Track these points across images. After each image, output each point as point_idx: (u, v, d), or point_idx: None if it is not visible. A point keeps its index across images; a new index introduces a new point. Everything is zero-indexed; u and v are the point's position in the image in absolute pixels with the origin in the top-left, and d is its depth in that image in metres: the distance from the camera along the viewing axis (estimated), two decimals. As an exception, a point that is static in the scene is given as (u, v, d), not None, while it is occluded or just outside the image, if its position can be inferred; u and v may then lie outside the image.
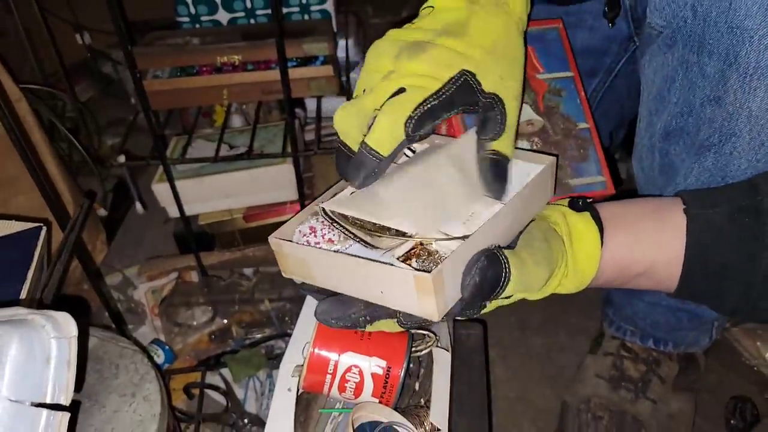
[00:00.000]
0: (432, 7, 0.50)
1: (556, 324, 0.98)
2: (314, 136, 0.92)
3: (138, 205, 1.15)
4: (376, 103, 0.46)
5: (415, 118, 0.44)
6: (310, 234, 0.48)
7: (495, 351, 0.95)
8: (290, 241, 0.47)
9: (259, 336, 0.95)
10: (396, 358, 0.54)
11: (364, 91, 0.48)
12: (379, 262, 0.42)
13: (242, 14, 1.11)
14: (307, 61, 0.94)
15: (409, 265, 0.43)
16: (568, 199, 0.51)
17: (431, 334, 0.59)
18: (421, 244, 0.44)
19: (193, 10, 1.10)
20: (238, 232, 1.04)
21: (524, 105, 0.60)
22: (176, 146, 1.03)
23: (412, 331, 0.58)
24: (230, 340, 0.96)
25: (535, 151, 0.53)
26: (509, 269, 0.41)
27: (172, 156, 0.98)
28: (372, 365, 0.54)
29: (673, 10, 0.54)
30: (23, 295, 0.64)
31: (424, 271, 0.40)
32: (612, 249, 0.49)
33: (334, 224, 0.46)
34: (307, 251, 0.45)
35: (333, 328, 0.46)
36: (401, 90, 0.45)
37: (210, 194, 1.00)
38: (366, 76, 0.49)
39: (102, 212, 1.14)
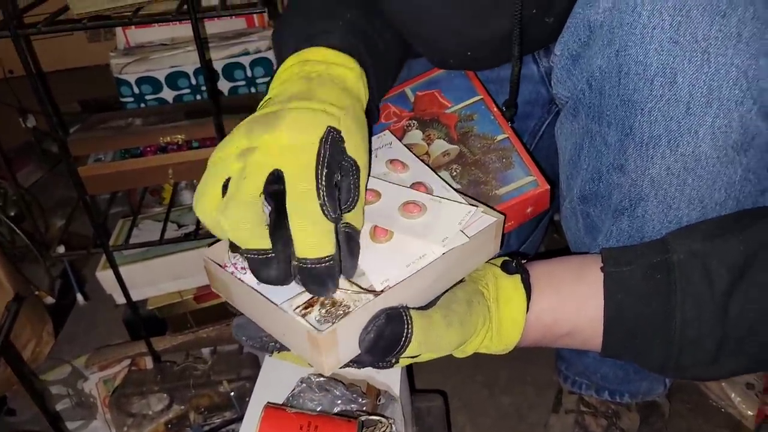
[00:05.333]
0: (270, 98, 0.48)
1: (522, 381, 0.97)
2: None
3: (79, 297, 1.11)
4: (257, 190, 0.40)
5: (327, 204, 0.40)
6: (240, 256, 0.47)
7: (463, 415, 0.93)
8: (219, 265, 0.48)
9: (218, 421, 0.91)
10: (345, 451, 0.52)
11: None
12: (282, 309, 0.42)
13: (188, 91, 1.11)
14: (251, 135, 0.94)
15: (310, 312, 0.43)
16: (502, 259, 0.51)
17: (383, 419, 0.57)
18: None
19: (137, 90, 1.09)
20: (190, 314, 1.00)
21: (437, 139, 0.61)
22: (122, 229, 1.00)
23: (362, 418, 0.55)
24: (188, 427, 0.91)
25: (481, 202, 0.51)
26: (411, 330, 0.41)
27: (117, 241, 0.96)
28: (320, 462, 0.51)
29: (573, 82, 0.55)
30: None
31: (326, 321, 0.41)
32: (536, 311, 0.49)
33: None
34: (228, 278, 0.46)
35: (245, 345, 0.46)
36: (277, 171, 0.41)
37: (158, 277, 0.97)
38: (216, 165, 0.43)
39: (49, 300, 1.10)
